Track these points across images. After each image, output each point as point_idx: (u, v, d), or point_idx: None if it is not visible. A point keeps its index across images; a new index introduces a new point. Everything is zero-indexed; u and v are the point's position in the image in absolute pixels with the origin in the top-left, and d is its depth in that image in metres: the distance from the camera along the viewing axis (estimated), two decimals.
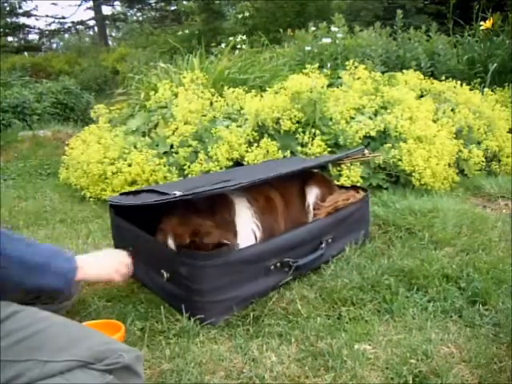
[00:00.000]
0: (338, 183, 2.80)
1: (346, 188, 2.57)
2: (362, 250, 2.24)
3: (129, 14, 22.58)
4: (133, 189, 2.95)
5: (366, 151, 2.50)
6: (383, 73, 4.16)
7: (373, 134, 3.13)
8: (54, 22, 19.96)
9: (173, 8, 19.68)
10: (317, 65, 3.56)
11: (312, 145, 3.06)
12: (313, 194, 2.31)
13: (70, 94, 6.91)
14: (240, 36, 6.67)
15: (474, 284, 1.88)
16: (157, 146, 3.36)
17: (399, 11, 5.72)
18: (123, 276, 1.61)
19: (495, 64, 4.80)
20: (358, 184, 2.90)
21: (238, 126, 3.27)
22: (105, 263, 1.48)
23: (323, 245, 2.06)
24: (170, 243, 1.79)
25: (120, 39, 22.77)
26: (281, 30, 7.99)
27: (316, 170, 2.57)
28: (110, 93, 8.06)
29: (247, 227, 1.96)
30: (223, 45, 7.14)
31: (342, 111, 3.26)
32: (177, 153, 3.16)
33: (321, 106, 3.25)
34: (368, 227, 2.40)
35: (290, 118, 3.17)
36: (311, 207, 2.28)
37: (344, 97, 3.42)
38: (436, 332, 1.64)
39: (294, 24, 10.24)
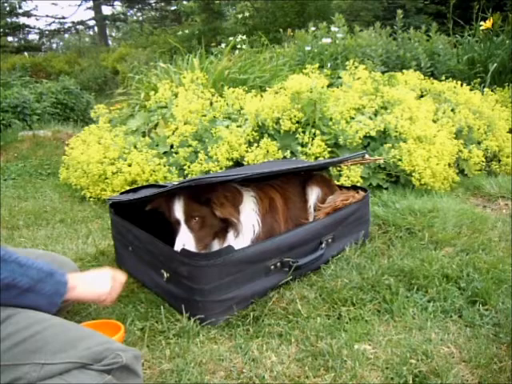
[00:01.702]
0: (338, 183, 2.80)
1: (347, 188, 2.57)
2: (362, 250, 2.24)
3: (129, 14, 22.63)
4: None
5: (367, 155, 2.50)
6: (383, 73, 4.16)
7: (373, 134, 3.13)
8: (54, 22, 20.03)
9: (173, 8, 19.70)
10: (317, 65, 3.57)
11: (312, 145, 3.05)
12: (314, 194, 2.31)
13: (70, 94, 6.91)
14: (240, 36, 6.66)
15: (474, 284, 1.88)
16: (157, 145, 3.37)
17: (399, 11, 5.72)
18: (114, 298, 1.51)
19: (495, 64, 4.81)
20: (358, 184, 2.90)
21: (238, 126, 3.28)
22: (99, 285, 1.41)
23: (323, 245, 2.06)
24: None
25: (120, 39, 22.79)
26: (281, 30, 7.99)
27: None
28: (109, 93, 8.07)
29: (249, 221, 1.97)
30: (223, 45, 7.14)
31: (342, 111, 3.26)
32: (177, 153, 3.17)
33: (321, 105, 3.25)
34: (368, 227, 2.40)
35: (290, 118, 3.17)
36: (312, 208, 2.29)
37: (344, 97, 3.43)
38: (436, 332, 1.64)
39: (294, 24, 10.25)
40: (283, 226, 2.11)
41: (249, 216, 1.98)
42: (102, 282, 1.41)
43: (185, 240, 1.82)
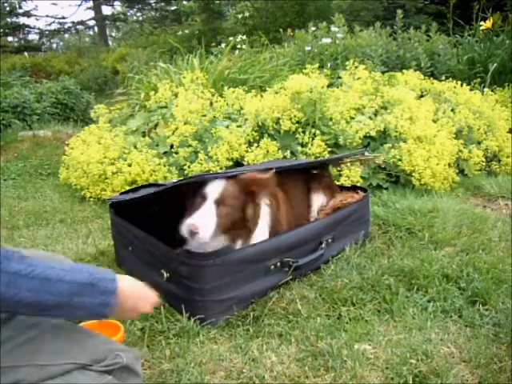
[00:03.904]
0: (338, 183, 2.80)
1: (347, 188, 2.57)
2: (362, 250, 2.24)
3: (129, 14, 22.63)
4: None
5: (367, 153, 2.50)
6: (383, 73, 4.16)
7: (373, 134, 3.13)
8: (53, 22, 20.02)
9: (173, 8, 19.70)
10: (317, 65, 3.57)
11: (312, 145, 3.05)
12: (319, 201, 2.32)
13: (70, 94, 6.91)
14: (240, 36, 6.66)
15: (474, 284, 1.88)
16: (157, 145, 3.37)
17: (399, 11, 5.72)
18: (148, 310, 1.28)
19: (495, 64, 4.81)
20: (358, 184, 2.89)
21: (238, 126, 3.28)
22: (143, 302, 1.22)
23: (323, 245, 2.06)
24: None
25: (120, 39, 22.81)
26: (281, 30, 7.98)
27: (325, 174, 2.55)
28: (109, 93, 8.07)
29: (264, 224, 1.96)
30: (223, 45, 7.14)
31: (342, 111, 3.26)
32: (177, 153, 3.16)
33: (321, 105, 3.25)
34: (368, 227, 2.40)
35: (290, 118, 3.17)
36: (315, 213, 2.30)
37: (344, 97, 3.42)
38: (436, 332, 1.64)
39: (294, 24, 10.25)
40: (285, 227, 2.10)
41: (264, 220, 1.96)
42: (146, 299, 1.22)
43: (205, 217, 1.65)
